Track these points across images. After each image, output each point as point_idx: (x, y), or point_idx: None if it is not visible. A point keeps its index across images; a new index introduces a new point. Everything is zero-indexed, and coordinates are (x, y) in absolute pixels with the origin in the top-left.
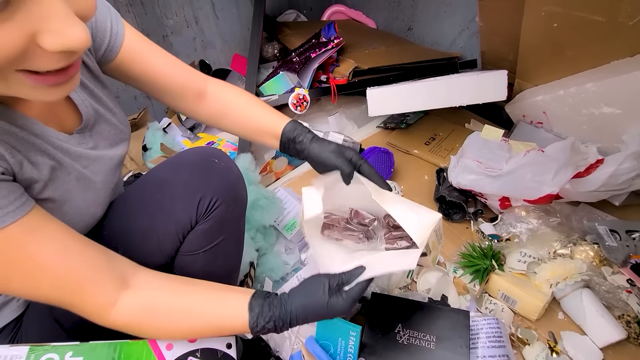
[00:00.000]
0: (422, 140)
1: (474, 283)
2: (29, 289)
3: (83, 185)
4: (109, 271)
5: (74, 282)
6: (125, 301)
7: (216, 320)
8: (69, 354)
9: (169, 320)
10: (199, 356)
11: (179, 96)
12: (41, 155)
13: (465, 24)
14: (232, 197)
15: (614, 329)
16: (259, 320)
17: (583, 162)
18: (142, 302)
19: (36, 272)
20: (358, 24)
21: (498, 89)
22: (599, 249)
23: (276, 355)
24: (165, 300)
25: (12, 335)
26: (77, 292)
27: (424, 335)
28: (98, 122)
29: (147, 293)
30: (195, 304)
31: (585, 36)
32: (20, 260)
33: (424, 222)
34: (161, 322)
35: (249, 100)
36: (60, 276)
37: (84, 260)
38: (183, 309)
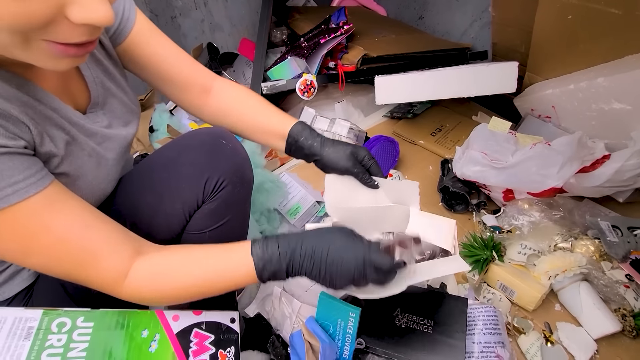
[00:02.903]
0: (428, 131)
1: (473, 273)
2: (48, 262)
3: (95, 161)
4: (124, 242)
5: (91, 254)
6: (136, 267)
7: (222, 271)
8: (81, 319)
9: (178, 279)
10: (203, 328)
11: (183, 89)
12: (57, 129)
13: (478, 14)
14: (239, 178)
15: (609, 321)
16: (265, 255)
17: (589, 157)
18: (151, 265)
19: (55, 245)
20: (368, 11)
21: (508, 81)
22: (599, 244)
23: (277, 334)
24: (173, 259)
25: (24, 304)
26: (93, 264)
27: (422, 320)
28: (109, 99)
29: (156, 256)
30: (201, 257)
31: (600, 29)
32: (40, 233)
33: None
34: (171, 282)
35: (255, 99)
36: (78, 248)
37: (101, 233)
38: (190, 265)
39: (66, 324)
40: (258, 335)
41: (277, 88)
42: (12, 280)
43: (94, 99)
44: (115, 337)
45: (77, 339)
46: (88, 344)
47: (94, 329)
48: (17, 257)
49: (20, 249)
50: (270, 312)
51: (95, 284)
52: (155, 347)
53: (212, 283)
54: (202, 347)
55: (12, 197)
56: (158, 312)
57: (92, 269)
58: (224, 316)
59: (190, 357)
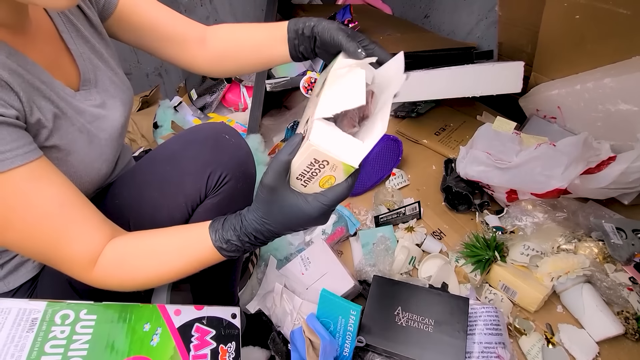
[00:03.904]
0: (432, 131)
1: (475, 273)
2: (23, 239)
3: (87, 138)
4: (99, 228)
5: (65, 235)
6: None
7: (184, 249)
8: (84, 312)
9: (142, 261)
10: (205, 323)
11: (181, 46)
12: (45, 101)
13: (484, 13)
14: (242, 173)
15: (611, 324)
16: (221, 235)
17: (594, 159)
18: (116, 249)
19: (34, 221)
20: (374, 10)
21: (513, 80)
22: (603, 246)
23: (277, 331)
24: (137, 242)
25: (28, 295)
26: (66, 245)
27: (422, 319)
28: (100, 78)
29: (121, 241)
30: (163, 238)
31: (608, 29)
32: (20, 207)
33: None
34: (134, 264)
35: (242, 27)
36: (55, 227)
37: (79, 215)
38: (153, 245)
39: (69, 316)
40: (259, 331)
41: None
42: (17, 271)
43: (84, 75)
44: (118, 330)
45: (80, 331)
46: (91, 336)
47: (97, 321)
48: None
49: (1, 221)
50: (271, 308)
51: (65, 266)
52: (157, 341)
53: (174, 264)
54: (203, 341)
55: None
56: (160, 306)
57: (65, 250)
58: (225, 311)
59: (192, 352)
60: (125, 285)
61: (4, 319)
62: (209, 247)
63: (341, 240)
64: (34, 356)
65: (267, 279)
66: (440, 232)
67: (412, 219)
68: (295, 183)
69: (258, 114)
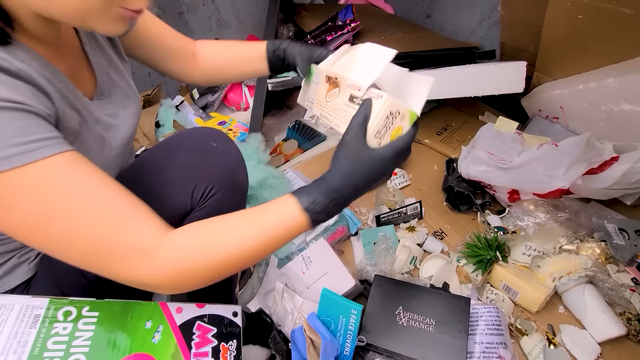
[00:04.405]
0: (433, 130)
1: (476, 273)
2: (71, 230)
3: (100, 146)
4: (151, 214)
5: (121, 220)
6: (170, 239)
7: (266, 221)
8: (86, 309)
9: (224, 251)
10: (206, 321)
11: (179, 58)
12: (71, 109)
13: (487, 13)
14: (230, 183)
15: (614, 325)
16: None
17: (597, 159)
18: (188, 234)
19: (82, 208)
20: (376, 9)
21: (516, 80)
22: (605, 246)
23: (278, 330)
24: (206, 224)
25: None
26: (122, 230)
27: (423, 319)
28: (113, 89)
29: (190, 227)
30: (245, 221)
31: (611, 29)
32: (66, 194)
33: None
34: (215, 257)
35: (227, 44)
36: (107, 214)
37: (132, 202)
38: (228, 222)
39: (72, 313)
40: (260, 330)
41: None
42: (13, 272)
43: (100, 87)
44: (120, 327)
45: (82, 328)
46: (93, 333)
47: (99, 318)
48: (36, 226)
49: (42, 214)
50: (272, 307)
51: (119, 259)
52: (159, 338)
53: (261, 241)
54: (204, 339)
55: (37, 152)
56: (162, 304)
57: (119, 237)
58: (227, 310)
59: (193, 349)
60: (200, 274)
61: (7, 315)
62: (296, 211)
63: (342, 239)
64: (37, 352)
65: (268, 277)
66: (441, 232)
67: (414, 219)
68: (371, 141)
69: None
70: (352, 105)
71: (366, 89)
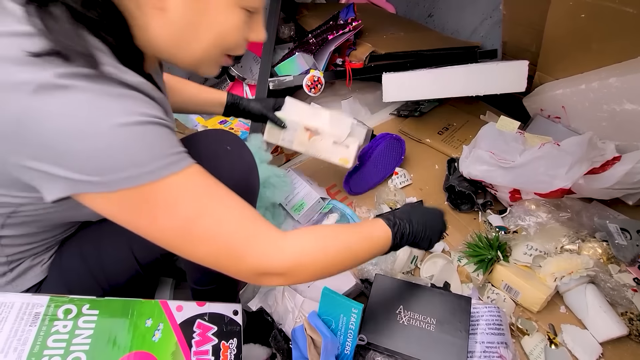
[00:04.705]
0: (435, 130)
1: (477, 272)
2: (212, 230)
3: None
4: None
5: (253, 214)
6: (291, 234)
7: (368, 239)
8: (86, 307)
9: (335, 249)
10: (207, 319)
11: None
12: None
13: (488, 12)
14: (244, 187)
15: (615, 325)
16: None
17: (599, 159)
18: (307, 237)
19: (219, 209)
20: (377, 9)
21: (518, 79)
22: (607, 246)
23: (279, 328)
24: (327, 233)
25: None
26: (255, 227)
27: (424, 318)
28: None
29: (302, 229)
30: (345, 230)
31: (614, 28)
32: (206, 197)
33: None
34: (328, 253)
35: (196, 86)
36: (242, 211)
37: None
38: (340, 236)
39: (72, 311)
40: (260, 328)
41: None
42: (25, 274)
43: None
44: (120, 325)
45: (82, 326)
46: (93, 331)
47: (99, 316)
48: (188, 221)
49: (195, 209)
50: (272, 306)
51: (256, 246)
52: (159, 337)
53: (362, 254)
54: (205, 337)
55: (181, 162)
56: (162, 302)
57: (256, 228)
58: (227, 308)
59: (193, 347)
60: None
61: (7, 313)
62: (384, 225)
63: None
64: (37, 350)
65: None
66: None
67: None
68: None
69: None
70: (337, 146)
71: (345, 138)
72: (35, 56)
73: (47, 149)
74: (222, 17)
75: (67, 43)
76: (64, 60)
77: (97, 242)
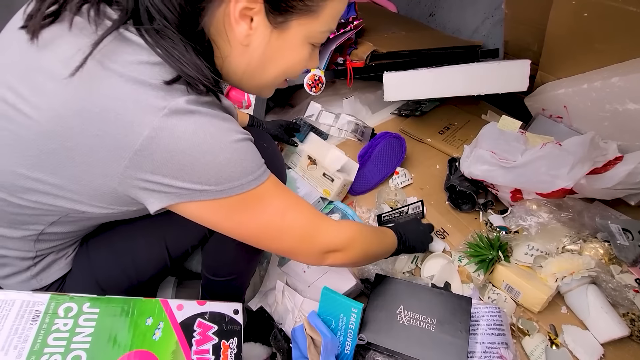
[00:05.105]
0: (436, 129)
1: (478, 272)
2: (295, 221)
3: None
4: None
5: (315, 211)
6: (345, 223)
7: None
8: (87, 305)
9: (372, 240)
10: (207, 318)
11: None
12: None
13: (490, 11)
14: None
15: (617, 325)
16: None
17: (601, 158)
18: (353, 223)
19: (295, 204)
20: (379, 8)
21: (519, 79)
22: (609, 247)
23: (279, 328)
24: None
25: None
26: (319, 216)
27: (424, 318)
28: None
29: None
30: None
31: (617, 28)
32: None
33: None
34: (368, 241)
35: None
36: (307, 206)
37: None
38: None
39: (72, 309)
40: (261, 328)
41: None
42: (50, 268)
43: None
44: (120, 323)
45: (82, 324)
46: (93, 329)
47: (100, 315)
48: (277, 216)
49: (282, 207)
50: (273, 305)
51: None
52: (159, 335)
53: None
54: (205, 336)
55: (267, 172)
56: (162, 301)
57: (320, 218)
58: (228, 307)
59: (194, 346)
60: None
61: (8, 310)
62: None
63: None
64: (37, 348)
65: (269, 276)
66: (443, 232)
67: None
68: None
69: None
70: (325, 178)
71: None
72: (167, 84)
73: (170, 163)
74: (294, 53)
75: (189, 70)
76: (190, 87)
77: (131, 236)
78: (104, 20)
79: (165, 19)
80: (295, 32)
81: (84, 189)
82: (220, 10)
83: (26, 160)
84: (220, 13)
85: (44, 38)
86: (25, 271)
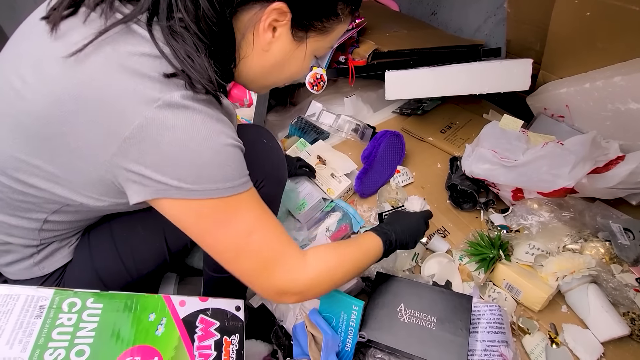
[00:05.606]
0: (437, 128)
1: (479, 271)
2: (259, 243)
3: None
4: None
5: (286, 240)
6: (311, 253)
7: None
8: (90, 300)
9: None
10: (209, 314)
11: None
12: None
13: (492, 10)
14: (276, 178)
15: (617, 325)
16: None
17: (603, 158)
18: (323, 257)
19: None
20: (381, 6)
21: (521, 78)
22: (610, 246)
23: (280, 325)
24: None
25: (57, 282)
26: (288, 243)
27: (425, 316)
28: None
29: (318, 248)
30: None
31: (619, 27)
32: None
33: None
34: (339, 274)
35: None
36: (278, 232)
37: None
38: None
39: (76, 304)
40: (262, 325)
41: None
42: (52, 256)
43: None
44: (123, 319)
45: (86, 319)
46: (97, 324)
47: (103, 310)
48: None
49: (253, 224)
50: (274, 303)
51: (286, 263)
52: (162, 331)
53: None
54: (207, 333)
55: (247, 184)
56: (165, 297)
57: (287, 249)
58: (230, 304)
59: (196, 342)
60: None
61: (13, 305)
62: (375, 235)
63: (345, 237)
64: (42, 342)
65: None
66: (444, 230)
67: None
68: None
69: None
70: (332, 179)
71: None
72: (166, 77)
73: (154, 154)
74: (302, 63)
75: (192, 71)
76: (188, 83)
77: (131, 229)
78: (115, 14)
79: (188, 14)
80: (309, 46)
81: (77, 177)
82: (250, 15)
83: (28, 145)
84: (249, 18)
85: (61, 29)
86: (29, 258)
